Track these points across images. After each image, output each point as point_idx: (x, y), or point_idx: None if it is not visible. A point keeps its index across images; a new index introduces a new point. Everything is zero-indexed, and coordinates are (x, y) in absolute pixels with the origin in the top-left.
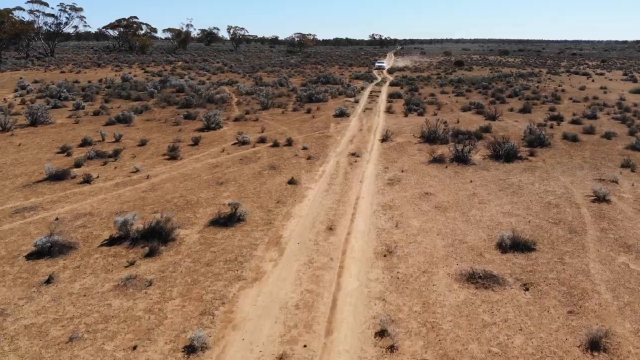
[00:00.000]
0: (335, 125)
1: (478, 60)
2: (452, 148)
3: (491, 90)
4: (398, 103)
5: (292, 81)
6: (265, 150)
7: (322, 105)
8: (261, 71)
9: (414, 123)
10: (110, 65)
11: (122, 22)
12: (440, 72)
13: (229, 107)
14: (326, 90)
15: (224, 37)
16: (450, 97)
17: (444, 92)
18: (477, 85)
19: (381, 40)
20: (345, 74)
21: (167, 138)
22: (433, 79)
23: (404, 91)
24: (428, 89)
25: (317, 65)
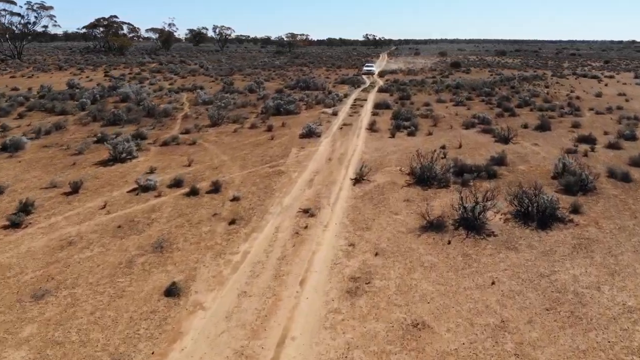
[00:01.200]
0: (297, 151)
1: (475, 61)
2: (456, 199)
3: (495, 97)
4: (385, 116)
5: (267, 86)
6: (171, 205)
7: (290, 120)
8: (238, 74)
9: (402, 148)
10: (73, 68)
11: (101, 22)
12: (436, 74)
13: (171, 122)
14: (302, 99)
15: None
16: (448, 107)
17: (440, 100)
18: (479, 91)
19: (375, 41)
20: (331, 77)
21: (46, 179)
22: (428, 84)
23: (393, 99)
24: (422, 96)
25: (302, 67)
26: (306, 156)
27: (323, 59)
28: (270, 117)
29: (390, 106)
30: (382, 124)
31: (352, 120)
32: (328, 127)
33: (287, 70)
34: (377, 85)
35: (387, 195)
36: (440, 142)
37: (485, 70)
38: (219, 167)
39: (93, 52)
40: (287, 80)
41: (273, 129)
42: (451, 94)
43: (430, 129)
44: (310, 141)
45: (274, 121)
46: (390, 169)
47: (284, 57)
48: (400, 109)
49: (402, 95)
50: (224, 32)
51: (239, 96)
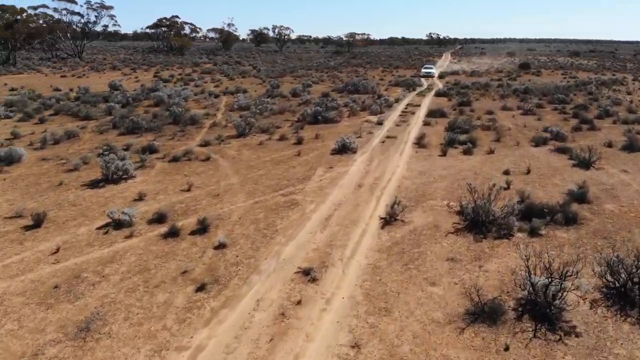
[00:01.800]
0: (323, 172)
1: (546, 62)
2: (519, 263)
3: (570, 105)
4: (438, 126)
5: (315, 89)
6: (138, 253)
7: (326, 130)
8: (289, 75)
9: (454, 171)
10: (127, 68)
11: (163, 22)
12: (503, 77)
13: (196, 131)
14: (346, 105)
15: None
16: (514, 116)
17: (506, 107)
18: (551, 97)
19: (439, 40)
20: (385, 79)
21: (18, 204)
22: (492, 87)
23: (451, 105)
24: (485, 101)
25: (358, 68)
26: (332, 180)
27: (381, 59)
28: (306, 126)
29: (446, 114)
30: (433, 136)
31: (399, 132)
32: (368, 140)
33: (341, 72)
34: (434, 88)
35: (425, 248)
36: (503, 164)
37: (557, 72)
38: (222, 193)
39: (155, 51)
40: (337, 83)
41: (303, 142)
42: (518, 99)
43: (492, 146)
44: (343, 159)
45: (308, 131)
46: (434, 204)
47: (341, 57)
48: (456, 119)
49: (462, 100)
50: (282, 32)
51: (280, 101)
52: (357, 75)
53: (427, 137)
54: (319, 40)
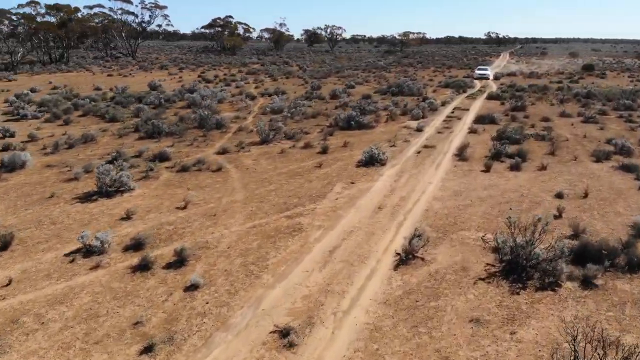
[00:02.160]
0: (342, 189)
1: (612, 63)
2: (564, 331)
3: (638, 113)
4: (485, 135)
5: (357, 90)
6: (96, 291)
7: (358, 137)
8: (334, 75)
9: (497, 192)
10: (175, 68)
11: (217, 22)
12: (563, 79)
13: (219, 136)
14: (386, 108)
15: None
16: (574, 124)
17: (564, 114)
18: (616, 103)
19: (498, 39)
20: (435, 80)
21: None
22: (551, 90)
23: (503, 110)
24: (541, 106)
25: (408, 68)
26: (350, 199)
27: (434, 58)
28: (337, 132)
29: (496, 120)
30: (478, 147)
31: (439, 140)
32: (402, 150)
33: (389, 72)
34: (487, 90)
35: (445, 301)
36: (556, 183)
37: (623, 75)
38: (219, 213)
39: (209, 51)
40: (383, 84)
41: (329, 151)
42: (579, 104)
43: (545, 160)
44: (368, 172)
45: (338, 138)
46: (466, 235)
47: (393, 56)
48: (506, 127)
49: (515, 105)
50: (334, 31)
51: (317, 103)
52: (405, 76)
53: (471, 147)
54: (373, 40)
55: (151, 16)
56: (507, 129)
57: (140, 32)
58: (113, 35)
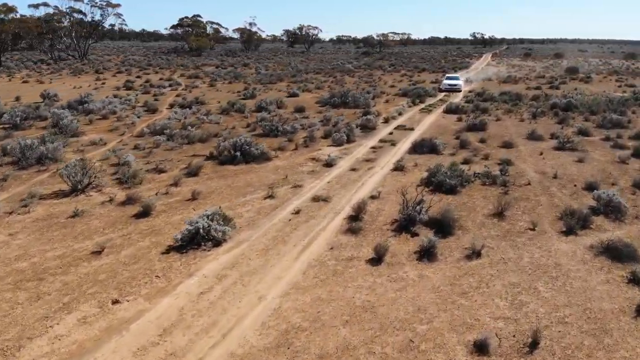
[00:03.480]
0: (67, 331)
1: (598, 65)
2: None
3: (629, 132)
4: (414, 174)
5: (299, 100)
6: None
7: (236, 177)
8: (288, 80)
9: (369, 326)
10: (112, 72)
11: (185, 21)
12: (544, 84)
13: (29, 176)
14: (306, 127)
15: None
16: (544, 153)
17: (534, 135)
18: (601, 119)
19: (484, 40)
20: (398, 86)
21: None
22: (525, 100)
23: (456, 130)
24: (508, 122)
25: (377, 71)
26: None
27: (412, 60)
28: (216, 166)
29: (438, 148)
30: (390, 201)
31: (343, 186)
32: (276, 208)
33: (354, 76)
34: (450, 100)
35: None
36: (485, 301)
37: (610, 78)
38: None
39: (176, 52)
40: (336, 89)
41: (155, 210)
42: (556, 120)
43: (484, 231)
44: (172, 268)
45: (199, 182)
46: None
47: (369, 58)
48: (438, 168)
49: (474, 123)
50: (310, 32)
51: (230, 119)
52: (367, 81)
53: (380, 201)
54: (359, 41)
55: (103, 15)
56: (439, 170)
57: (91, 32)
58: (60, 36)
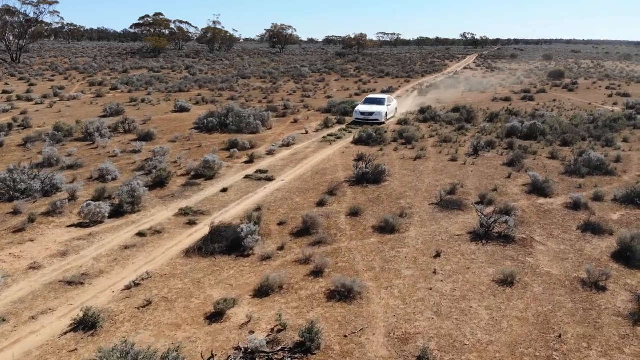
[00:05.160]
0: None
1: (589, 68)
2: None
3: (617, 181)
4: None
5: (186, 117)
6: None
7: None
8: (210, 87)
9: None
10: (43, 77)
11: (146, 20)
12: (517, 92)
13: None
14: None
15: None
16: (449, 250)
17: (452, 199)
18: (577, 156)
19: (474, 41)
20: (338, 96)
21: None
22: (481, 117)
23: (341, 182)
24: (431, 163)
25: (331, 76)
26: None
27: (386, 62)
28: None
29: (246, 245)
30: None
31: None
32: None
33: (300, 82)
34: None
35: None
36: None
37: (600, 85)
38: None
39: (135, 54)
40: (248, 104)
41: None
42: (508, 156)
43: None
44: None
45: None
46: None
47: (341, 59)
48: None
49: (364, 173)
50: (284, 31)
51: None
52: (313, 88)
53: None
54: (338, 42)
55: (37, 13)
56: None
57: (24, 33)
58: None
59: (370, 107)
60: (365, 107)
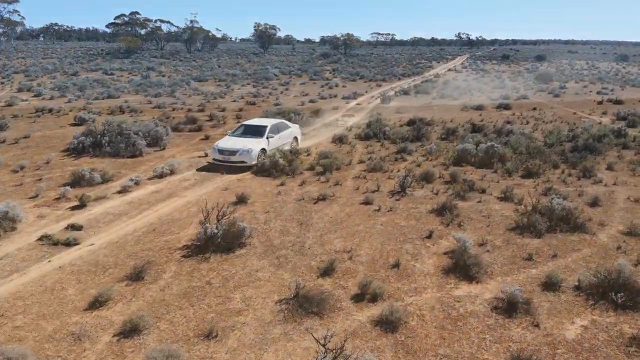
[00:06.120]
0: None
1: (582, 69)
2: None
3: (592, 234)
4: None
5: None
6: None
7: None
8: (167, 95)
9: None
10: None
11: (122, 19)
12: (495, 99)
13: None
14: None
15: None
16: None
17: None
18: (548, 183)
19: (469, 41)
20: (293, 102)
21: None
22: (434, 135)
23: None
24: (348, 200)
25: (299, 79)
26: None
27: (370, 63)
28: None
29: None
30: None
31: None
32: None
33: (259, 86)
34: (304, 141)
35: None
36: None
37: (593, 87)
38: None
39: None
40: (174, 114)
41: None
42: (445, 190)
43: None
44: None
45: None
46: None
47: (323, 60)
48: None
49: (220, 237)
50: (268, 31)
51: None
52: (271, 93)
53: None
54: (325, 42)
55: None
56: None
57: None
58: None
59: (238, 141)
60: (230, 141)
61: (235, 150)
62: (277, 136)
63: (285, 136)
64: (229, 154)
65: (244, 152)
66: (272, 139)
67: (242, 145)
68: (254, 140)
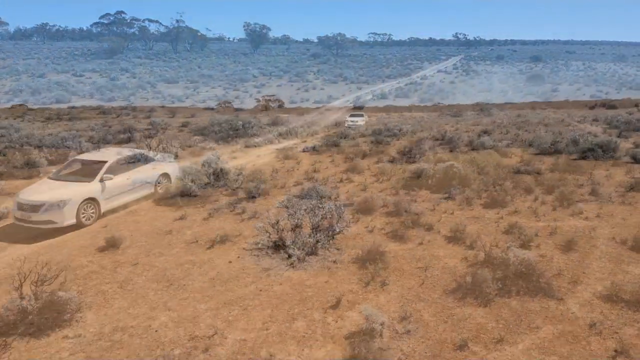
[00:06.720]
0: None
1: (577, 70)
2: None
3: (558, 299)
4: None
5: None
6: None
7: None
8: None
9: None
10: None
11: (107, 19)
12: (475, 103)
13: None
14: None
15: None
16: None
17: None
18: (513, 216)
19: (467, 41)
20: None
21: None
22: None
23: None
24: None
25: (283, 80)
26: None
27: (352, 63)
28: None
29: None
30: None
31: None
32: None
33: (230, 88)
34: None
35: None
36: None
37: (587, 90)
38: None
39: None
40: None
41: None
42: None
43: None
44: None
45: None
46: None
47: (311, 61)
48: None
49: (35, 314)
50: (258, 30)
51: None
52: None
53: None
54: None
55: None
56: None
57: None
58: None
59: (53, 187)
60: (41, 187)
61: (39, 204)
62: (125, 176)
63: (141, 177)
64: (30, 209)
65: (51, 206)
66: (109, 181)
67: (50, 197)
68: (75, 187)
